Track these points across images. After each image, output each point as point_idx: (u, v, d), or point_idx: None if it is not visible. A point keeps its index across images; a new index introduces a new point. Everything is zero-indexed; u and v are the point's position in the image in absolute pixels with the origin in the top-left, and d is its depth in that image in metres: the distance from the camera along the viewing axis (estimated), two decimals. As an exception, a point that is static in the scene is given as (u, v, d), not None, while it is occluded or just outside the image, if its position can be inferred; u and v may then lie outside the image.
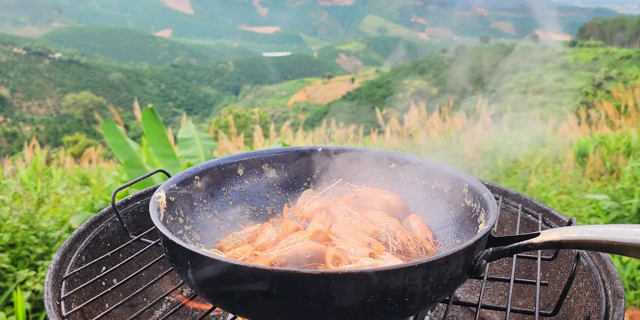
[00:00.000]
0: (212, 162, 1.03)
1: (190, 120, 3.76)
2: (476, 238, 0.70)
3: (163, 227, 0.74)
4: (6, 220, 2.89)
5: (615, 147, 5.31)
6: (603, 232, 0.69)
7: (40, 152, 5.96)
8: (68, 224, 3.07)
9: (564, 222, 1.12)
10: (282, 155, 1.10)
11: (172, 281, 1.28)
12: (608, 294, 0.89)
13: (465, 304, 0.88)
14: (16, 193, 3.75)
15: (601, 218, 3.67)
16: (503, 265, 1.28)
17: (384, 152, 1.09)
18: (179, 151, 3.34)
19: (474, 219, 0.88)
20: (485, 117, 7.86)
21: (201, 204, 0.98)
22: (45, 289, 0.90)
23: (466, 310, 1.25)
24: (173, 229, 0.88)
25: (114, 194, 0.97)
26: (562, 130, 7.52)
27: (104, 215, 1.15)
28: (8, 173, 5.36)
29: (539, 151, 6.07)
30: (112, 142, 3.12)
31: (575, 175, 5.13)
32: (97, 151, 8.18)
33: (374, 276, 0.61)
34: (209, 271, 0.68)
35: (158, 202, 0.86)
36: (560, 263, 1.09)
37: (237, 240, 0.90)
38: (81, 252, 1.04)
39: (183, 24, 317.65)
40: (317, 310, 0.65)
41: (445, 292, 0.71)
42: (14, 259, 2.77)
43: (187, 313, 1.23)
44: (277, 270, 0.61)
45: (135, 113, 5.53)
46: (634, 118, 6.58)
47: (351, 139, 8.41)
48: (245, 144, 7.97)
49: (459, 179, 0.95)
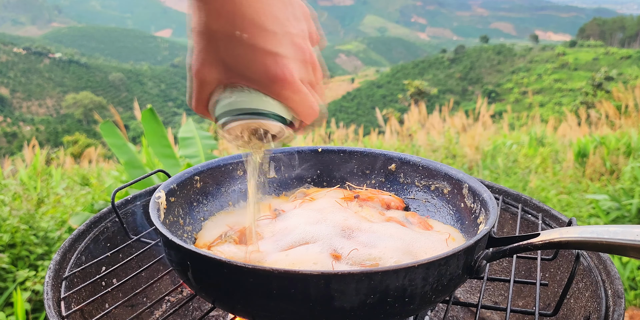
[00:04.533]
0: (212, 162, 1.03)
1: (191, 119, 3.76)
2: (476, 238, 0.70)
3: (163, 228, 0.74)
4: (6, 221, 2.89)
5: (615, 147, 5.31)
6: (603, 232, 0.69)
7: (40, 152, 5.96)
8: (68, 224, 3.07)
9: (564, 222, 1.12)
10: (282, 155, 1.10)
11: (172, 281, 1.28)
12: (608, 294, 0.89)
13: (465, 304, 0.88)
14: (16, 193, 3.75)
15: (601, 218, 3.67)
16: (503, 266, 1.28)
17: (383, 152, 1.09)
18: (179, 151, 3.34)
19: (474, 220, 0.88)
20: (485, 117, 7.86)
21: (201, 204, 0.98)
22: (45, 289, 0.90)
23: (466, 310, 1.25)
24: (173, 229, 0.88)
25: (114, 194, 0.97)
26: (562, 130, 7.52)
27: (103, 215, 1.15)
28: (8, 173, 5.36)
29: (539, 151, 6.07)
30: (111, 142, 3.12)
31: (575, 175, 5.13)
32: (97, 151, 8.19)
33: (374, 276, 0.61)
34: (209, 271, 0.68)
35: (158, 203, 0.86)
36: (560, 263, 1.09)
37: (229, 240, 0.90)
38: (81, 252, 1.04)
39: (183, 24, 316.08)
40: (317, 311, 0.65)
41: (445, 292, 0.71)
42: (14, 259, 2.77)
43: (187, 313, 1.23)
44: (277, 270, 0.61)
45: (135, 113, 5.54)
46: (634, 118, 6.58)
47: (351, 139, 8.42)
48: (245, 144, 7.94)
49: (458, 179, 0.95)
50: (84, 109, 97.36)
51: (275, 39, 0.66)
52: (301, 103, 0.70)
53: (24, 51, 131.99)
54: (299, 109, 0.71)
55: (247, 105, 0.68)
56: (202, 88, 0.70)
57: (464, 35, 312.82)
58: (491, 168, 5.63)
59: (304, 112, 0.72)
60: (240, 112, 0.69)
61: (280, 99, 0.69)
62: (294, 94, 0.68)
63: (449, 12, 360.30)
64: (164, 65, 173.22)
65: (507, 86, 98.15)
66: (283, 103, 0.70)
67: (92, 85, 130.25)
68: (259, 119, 0.69)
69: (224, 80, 0.68)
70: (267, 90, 0.68)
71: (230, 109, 0.69)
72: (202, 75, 0.68)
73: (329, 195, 1.03)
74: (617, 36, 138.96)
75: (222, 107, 0.70)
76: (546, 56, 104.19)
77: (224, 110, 0.70)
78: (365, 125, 11.26)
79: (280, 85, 0.67)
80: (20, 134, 75.59)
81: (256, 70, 0.66)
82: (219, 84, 0.69)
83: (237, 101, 0.69)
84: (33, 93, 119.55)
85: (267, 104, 0.69)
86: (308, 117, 0.73)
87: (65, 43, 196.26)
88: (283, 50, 0.66)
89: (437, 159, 5.89)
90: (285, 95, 0.68)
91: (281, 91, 0.68)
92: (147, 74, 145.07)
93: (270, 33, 0.65)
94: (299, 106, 0.70)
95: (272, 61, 0.66)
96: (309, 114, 0.72)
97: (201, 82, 0.69)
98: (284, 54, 0.66)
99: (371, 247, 0.82)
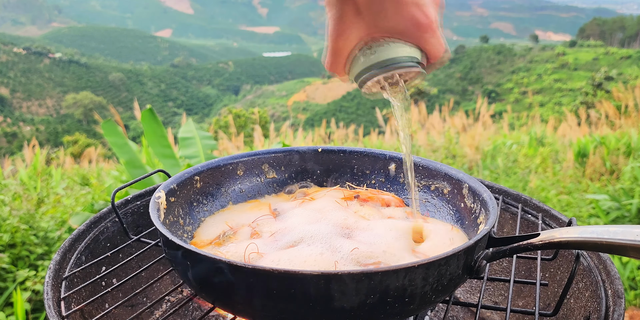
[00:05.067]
0: (212, 162, 1.03)
1: (191, 119, 3.76)
2: (476, 239, 0.70)
3: (163, 228, 0.74)
4: (6, 220, 2.89)
5: (615, 147, 5.31)
6: (603, 232, 0.69)
7: (40, 152, 5.96)
8: (68, 224, 3.07)
9: (563, 222, 1.12)
10: (282, 155, 1.10)
11: (172, 281, 1.28)
12: (608, 294, 0.89)
13: (465, 304, 0.88)
14: (16, 193, 3.75)
15: (601, 218, 3.67)
16: (503, 266, 1.28)
17: (383, 152, 1.09)
18: (179, 151, 3.34)
19: (474, 220, 0.88)
20: (485, 117, 7.86)
21: (201, 205, 0.98)
22: (45, 289, 0.90)
23: (466, 310, 1.25)
24: (173, 229, 0.88)
25: (114, 194, 0.97)
26: (562, 130, 7.52)
27: (103, 215, 1.15)
28: (8, 173, 5.37)
29: (539, 151, 6.07)
30: (112, 141, 3.12)
31: (575, 175, 5.13)
32: (97, 151, 8.20)
33: (374, 276, 0.61)
34: (209, 271, 0.68)
35: (158, 203, 0.86)
36: (560, 263, 1.09)
37: (228, 240, 0.90)
38: (81, 252, 1.04)
39: (183, 24, 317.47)
40: (317, 311, 0.65)
41: (445, 292, 0.71)
42: (14, 259, 2.77)
43: (187, 313, 1.23)
44: (277, 270, 0.61)
45: (135, 113, 5.54)
46: (634, 118, 6.58)
47: (351, 139, 8.42)
48: (245, 144, 7.97)
49: (458, 179, 0.95)
50: (84, 109, 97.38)
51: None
52: (438, 44, 0.75)
53: (24, 51, 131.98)
54: (434, 49, 0.75)
55: (389, 55, 0.73)
56: (344, 48, 0.74)
57: (464, 35, 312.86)
58: (491, 168, 5.63)
59: (438, 52, 0.76)
60: (384, 65, 0.73)
61: (421, 43, 0.73)
62: (434, 38, 0.73)
63: (449, 12, 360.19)
64: (164, 65, 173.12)
65: (507, 86, 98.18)
66: (422, 47, 0.74)
67: (92, 85, 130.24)
68: (400, 68, 0.74)
69: (365, 36, 0.72)
70: (411, 38, 0.72)
71: (372, 61, 0.74)
72: (345, 37, 0.72)
73: (329, 195, 1.03)
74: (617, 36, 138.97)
75: (365, 61, 0.74)
76: (546, 56, 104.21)
77: (367, 65, 0.74)
78: (365, 125, 11.28)
79: (426, 31, 0.71)
80: (20, 134, 75.61)
81: (402, 20, 0.70)
82: (359, 41, 0.73)
83: (379, 53, 0.73)
84: (33, 93, 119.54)
85: (406, 51, 0.73)
86: (440, 55, 0.78)
87: (65, 43, 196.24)
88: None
89: (437, 159, 5.89)
90: (427, 40, 0.73)
91: (425, 37, 0.72)
92: (147, 74, 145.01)
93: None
94: (435, 47, 0.75)
95: (417, 10, 0.70)
96: (442, 52, 0.77)
97: (342, 43, 0.73)
98: (424, 2, 0.70)
99: (371, 245, 0.82)
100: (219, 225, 0.95)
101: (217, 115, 28.11)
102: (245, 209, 1.02)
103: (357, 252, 0.79)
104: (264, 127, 11.50)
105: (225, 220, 0.97)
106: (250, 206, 1.03)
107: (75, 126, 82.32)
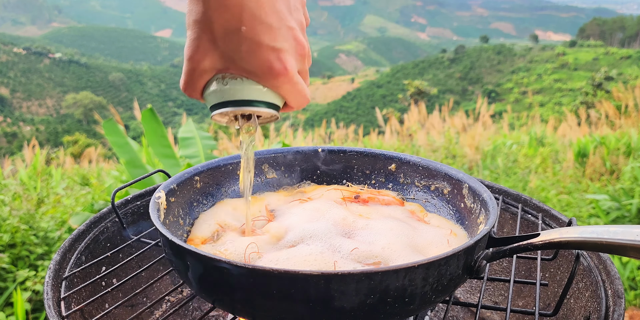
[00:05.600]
0: (212, 162, 1.03)
1: (191, 119, 3.76)
2: (476, 239, 0.70)
3: (163, 228, 0.74)
4: (6, 220, 2.89)
5: (615, 147, 5.31)
6: (603, 232, 0.69)
7: (40, 152, 5.97)
8: (68, 224, 3.07)
9: (563, 222, 1.12)
10: (282, 155, 1.10)
11: (172, 281, 1.28)
12: (608, 294, 0.89)
13: (465, 304, 0.88)
14: (16, 193, 3.75)
15: (601, 218, 3.67)
16: (503, 266, 1.28)
17: (383, 152, 1.09)
18: (179, 151, 3.34)
19: (474, 220, 0.88)
20: (485, 117, 7.86)
21: (201, 205, 0.98)
22: (45, 289, 0.90)
23: (466, 310, 1.25)
24: (173, 229, 0.88)
25: (114, 194, 0.97)
26: (562, 130, 7.52)
27: (103, 215, 1.15)
28: (8, 173, 5.37)
29: (539, 151, 6.07)
30: (113, 141, 3.12)
31: (575, 175, 5.13)
32: (97, 151, 8.20)
33: (374, 276, 0.61)
34: (209, 271, 0.68)
35: (158, 203, 0.86)
36: (560, 263, 1.09)
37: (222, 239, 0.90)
38: (81, 252, 1.04)
39: (183, 24, 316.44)
40: (317, 311, 0.65)
41: (445, 292, 0.71)
42: (14, 259, 2.77)
43: (187, 313, 1.23)
44: (277, 270, 0.61)
45: (135, 113, 5.54)
46: (634, 118, 6.58)
47: (351, 139, 8.42)
48: (245, 144, 7.94)
49: (458, 179, 0.95)
50: (84, 109, 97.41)
51: (275, 33, 0.66)
52: (296, 93, 0.73)
53: (24, 51, 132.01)
54: (293, 98, 0.74)
55: (242, 96, 0.71)
56: (197, 74, 0.71)
57: (464, 35, 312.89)
58: (491, 168, 5.63)
59: (298, 101, 0.75)
60: (235, 102, 0.71)
61: (276, 90, 0.71)
62: (291, 86, 0.71)
63: (449, 12, 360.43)
64: (164, 65, 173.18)
65: (507, 86, 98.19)
66: (276, 92, 0.72)
67: (92, 85, 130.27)
68: (252, 108, 0.72)
69: (220, 68, 0.70)
70: (264, 82, 0.70)
71: (225, 98, 0.71)
72: (197, 62, 0.69)
73: (328, 195, 1.03)
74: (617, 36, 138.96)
75: (216, 95, 0.72)
76: (546, 56, 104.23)
77: (218, 99, 0.72)
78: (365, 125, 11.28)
79: (279, 78, 0.69)
80: (20, 134, 75.65)
81: (256, 63, 0.67)
82: (214, 71, 0.70)
83: (232, 90, 0.70)
84: (33, 93, 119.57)
85: (261, 94, 0.71)
86: (300, 104, 0.77)
87: (65, 43, 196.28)
88: (283, 45, 0.67)
89: (437, 159, 5.89)
90: (282, 87, 0.71)
91: (279, 84, 0.70)
92: (147, 74, 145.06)
93: (271, 27, 0.66)
94: (293, 96, 0.73)
95: (273, 56, 0.67)
96: (302, 102, 0.76)
97: (195, 68, 0.70)
98: (283, 48, 0.67)
99: (372, 244, 0.82)
100: (213, 221, 0.95)
101: (217, 115, 27.98)
102: (239, 204, 1.02)
103: (357, 252, 0.79)
104: (264, 127, 11.50)
105: (217, 220, 0.96)
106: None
107: (75, 126, 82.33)
